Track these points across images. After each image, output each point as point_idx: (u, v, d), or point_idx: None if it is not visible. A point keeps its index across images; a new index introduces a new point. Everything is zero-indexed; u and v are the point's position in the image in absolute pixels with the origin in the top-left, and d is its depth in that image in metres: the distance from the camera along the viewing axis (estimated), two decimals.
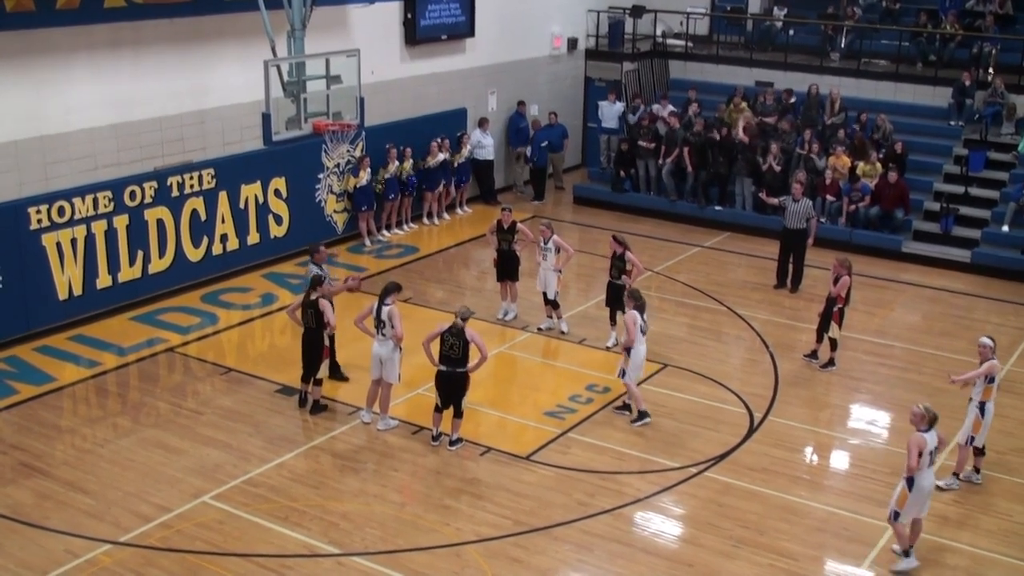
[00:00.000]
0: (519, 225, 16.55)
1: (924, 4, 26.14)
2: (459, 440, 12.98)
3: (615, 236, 15.94)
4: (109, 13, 16.29)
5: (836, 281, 15.31)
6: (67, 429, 13.42)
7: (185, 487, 11.98)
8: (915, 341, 16.80)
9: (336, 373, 14.50)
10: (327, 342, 13.66)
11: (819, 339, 15.63)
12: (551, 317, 16.52)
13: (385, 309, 12.95)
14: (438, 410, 12.96)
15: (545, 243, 16.15)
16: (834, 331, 15.40)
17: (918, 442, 10.56)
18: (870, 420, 14.31)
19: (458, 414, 12.91)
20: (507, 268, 16.73)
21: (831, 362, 15.53)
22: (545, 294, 16.35)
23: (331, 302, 13.68)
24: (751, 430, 13.63)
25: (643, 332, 13.53)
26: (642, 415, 13.63)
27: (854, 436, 13.79)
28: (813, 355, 15.70)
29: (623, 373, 13.62)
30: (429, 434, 13.08)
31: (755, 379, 15.16)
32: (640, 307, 13.53)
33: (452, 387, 12.76)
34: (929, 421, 10.70)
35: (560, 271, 16.23)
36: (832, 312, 15.36)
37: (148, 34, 16.87)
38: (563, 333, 16.35)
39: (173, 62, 17.32)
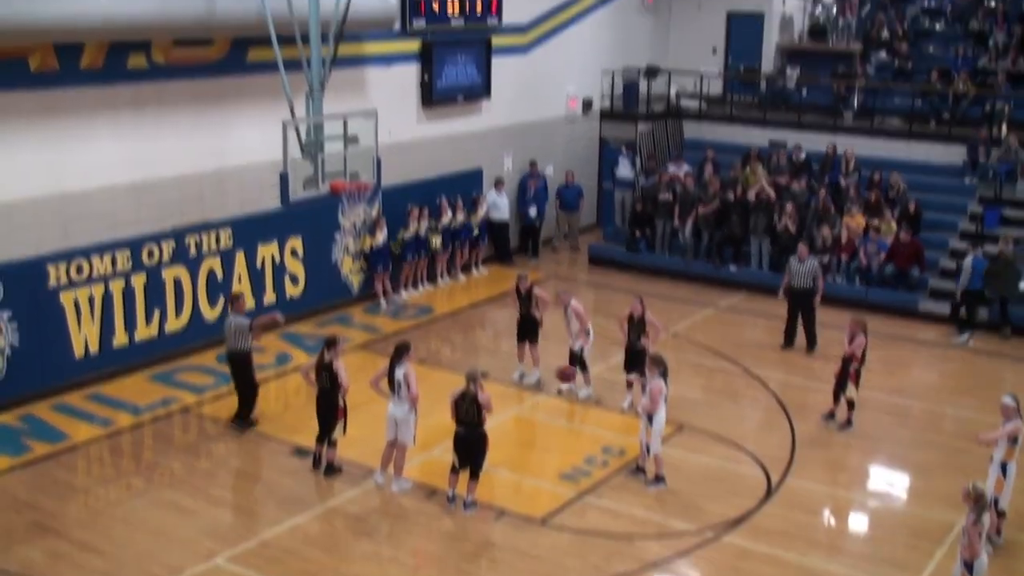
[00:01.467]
0: (535, 291, 16.63)
1: (936, 63, 26.31)
2: (474, 503, 12.86)
3: (639, 298, 15.91)
4: (132, 73, 16.51)
5: (852, 340, 15.26)
6: (81, 488, 13.39)
7: (198, 548, 11.90)
8: (933, 400, 16.69)
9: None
10: (342, 403, 13.63)
11: (836, 400, 15.54)
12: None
13: (399, 370, 12.94)
14: (454, 471, 12.86)
15: (566, 311, 16.21)
16: (851, 391, 15.32)
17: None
18: (889, 482, 14.19)
19: (474, 475, 12.81)
20: (526, 330, 16.79)
21: (849, 423, 15.43)
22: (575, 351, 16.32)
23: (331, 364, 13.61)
24: (768, 493, 13.51)
25: (665, 399, 13.48)
26: (659, 479, 13.54)
27: (873, 498, 13.66)
28: (831, 416, 15.61)
29: (648, 448, 13.54)
30: (444, 496, 13.00)
31: (772, 440, 15.05)
32: (664, 373, 13.46)
33: (470, 447, 12.67)
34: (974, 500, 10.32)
35: (584, 340, 16.18)
36: (849, 372, 15.29)
37: (170, 94, 17.07)
38: (580, 398, 16.28)
39: (193, 122, 17.51)
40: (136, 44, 16.34)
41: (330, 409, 13.53)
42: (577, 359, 16.17)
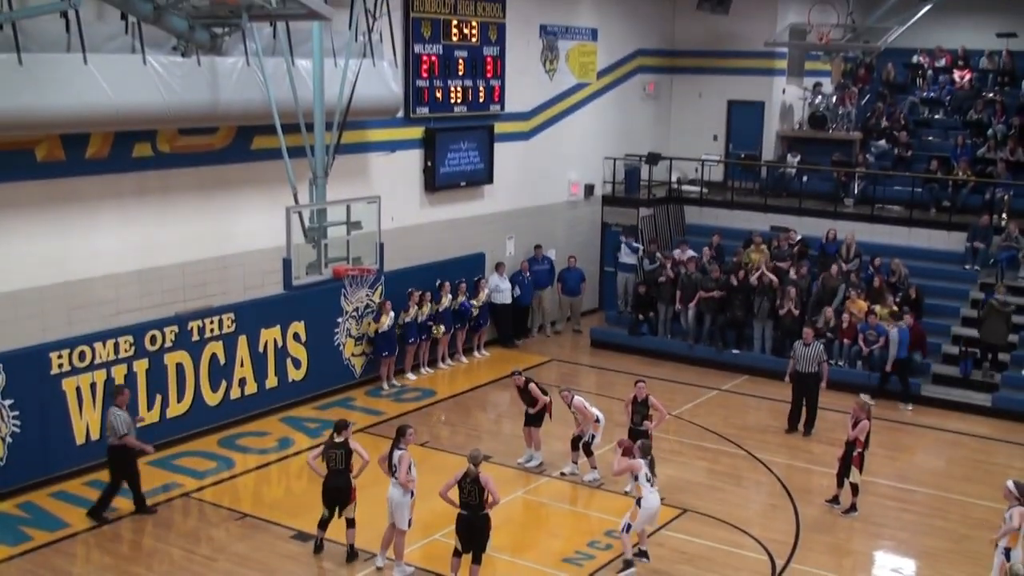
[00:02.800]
0: (530, 386, 16.62)
1: (936, 151, 26.58)
2: None
3: (641, 381, 15.94)
4: (137, 162, 16.71)
5: (855, 425, 15.21)
6: None
7: None
8: (938, 486, 16.57)
9: None
10: (353, 483, 13.57)
11: (840, 484, 15.45)
12: (575, 462, 16.44)
13: (396, 453, 12.93)
14: (457, 555, 12.72)
15: (570, 408, 16.31)
16: (855, 476, 15.23)
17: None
18: (895, 567, 14.04)
19: (477, 559, 12.63)
20: (531, 417, 16.80)
21: (853, 507, 15.31)
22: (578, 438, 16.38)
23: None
24: None
25: (650, 483, 13.37)
26: (627, 564, 13.35)
27: None
28: (835, 500, 15.50)
29: (627, 528, 13.41)
30: None
31: (776, 524, 14.93)
32: (647, 459, 13.45)
33: (473, 531, 12.50)
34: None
35: (596, 428, 16.25)
36: (852, 456, 15.21)
37: (174, 182, 17.26)
38: (585, 481, 16.20)
39: (197, 209, 17.67)
40: (142, 133, 16.58)
41: (344, 490, 13.43)
42: (582, 445, 16.16)
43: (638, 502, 13.32)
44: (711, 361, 22.54)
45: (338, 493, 13.50)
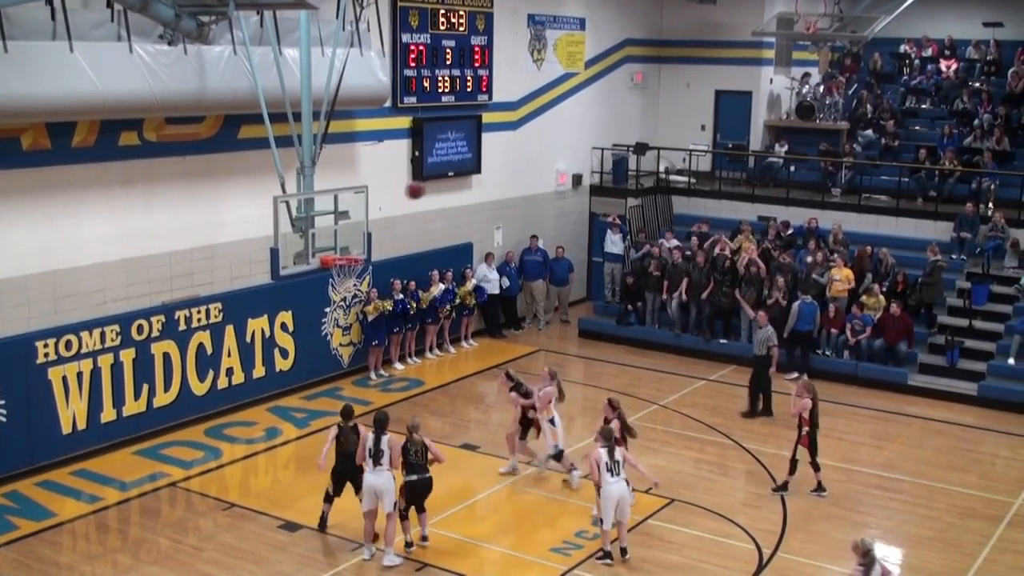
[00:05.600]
0: (511, 395, 15.86)
1: (923, 141, 26.64)
2: (426, 538, 13.53)
3: (610, 401, 14.95)
4: (123, 151, 16.65)
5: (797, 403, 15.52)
6: (65, 566, 13.23)
7: None
8: (924, 475, 16.63)
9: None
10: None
11: (792, 470, 15.60)
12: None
13: (385, 438, 13.02)
14: (405, 517, 13.27)
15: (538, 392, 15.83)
16: (806, 456, 15.40)
17: None
18: (881, 556, 14.03)
19: (422, 509, 13.41)
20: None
21: (820, 487, 15.55)
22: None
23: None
24: (760, 567, 13.42)
25: (611, 471, 13.21)
26: (606, 554, 13.35)
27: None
28: (819, 488, 15.59)
29: (600, 521, 13.42)
30: (438, 571, 12.88)
31: (763, 514, 14.97)
32: (608, 447, 13.28)
33: (423, 492, 13.34)
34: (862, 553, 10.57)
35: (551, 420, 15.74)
36: (801, 437, 15.34)
37: (161, 171, 17.20)
38: (574, 486, 15.72)
39: (184, 198, 17.61)
40: (128, 122, 16.50)
41: (359, 472, 13.65)
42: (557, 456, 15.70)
43: (599, 491, 13.31)
44: (699, 351, 22.57)
45: (352, 476, 13.81)
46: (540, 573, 13.10)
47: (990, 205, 23.63)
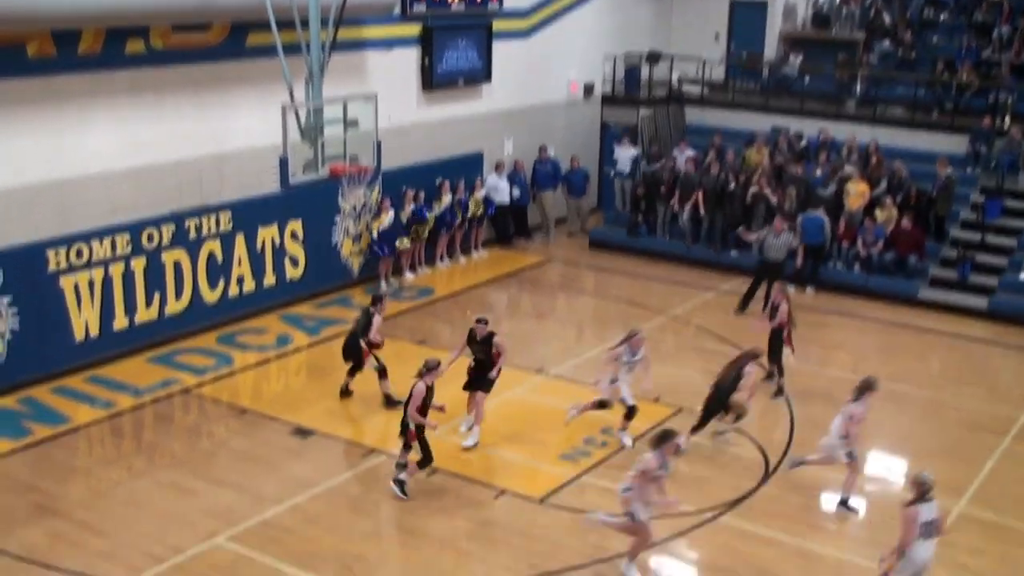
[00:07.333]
0: (495, 339, 14.16)
1: (940, 53, 26.26)
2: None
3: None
4: (130, 59, 16.51)
5: (776, 309, 15.80)
6: (82, 470, 13.43)
7: (199, 528, 11.94)
8: (933, 388, 16.69)
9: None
10: (364, 346, 14.82)
11: (773, 367, 15.93)
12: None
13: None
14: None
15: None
16: (788, 356, 15.83)
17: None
18: (888, 467, 14.20)
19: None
20: (480, 381, 14.17)
21: (780, 391, 15.86)
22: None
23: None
24: (766, 475, 13.55)
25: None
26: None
27: (872, 483, 13.64)
28: (779, 392, 15.93)
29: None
30: (447, 476, 13.06)
31: (770, 423, 15.07)
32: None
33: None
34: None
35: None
36: (783, 337, 15.74)
37: (168, 79, 17.06)
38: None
39: (192, 106, 17.50)
40: (134, 30, 16.32)
41: (355, 347, 14.72)
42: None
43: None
44: (710, 262, 22.54)
45: (348, 351, 14.86)
46: (549, 479, 13.25)
47: (1007, 119, 23.35)
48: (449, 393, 13.62)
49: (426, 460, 12.53)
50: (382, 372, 14.95)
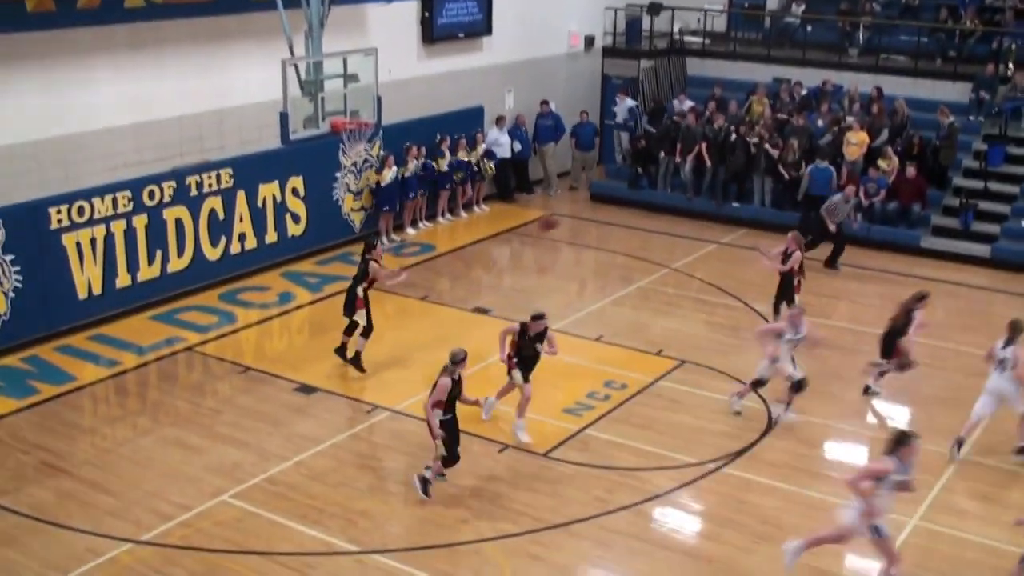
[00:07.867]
0: (550, 333, 13.50)
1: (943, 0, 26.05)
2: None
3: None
4: (129, 13, 16.38)
5: (788, 256, 15.91)
6: (88, 428, 13.50)
7: (205, 486, 12.02)
8: (936, 336, 16.65)
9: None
10: (361, 295, 14.53)
11: (777, 312, 16.16)
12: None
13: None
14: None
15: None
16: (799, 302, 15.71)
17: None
18: (889, 415, 14.25)
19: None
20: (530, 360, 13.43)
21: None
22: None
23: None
24: (770, 425, 13.61)
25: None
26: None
27: (874, 431, 13.72)
28: None
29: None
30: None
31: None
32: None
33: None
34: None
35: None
36: (794, 285, 16.04)
37: (168, 34, 16.96)
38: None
39: (193, 62, 17.41)
40: None
41: (350, 296, 14.53)
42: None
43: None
44: (711, 215, 22.49)
45: (348, 303, 14.66)
46: (553, 433, 13.31)
47: (1010, 65, 23.19)
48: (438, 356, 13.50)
49: (451, 459, 11.98)
50: (366, 331, 14.68)
